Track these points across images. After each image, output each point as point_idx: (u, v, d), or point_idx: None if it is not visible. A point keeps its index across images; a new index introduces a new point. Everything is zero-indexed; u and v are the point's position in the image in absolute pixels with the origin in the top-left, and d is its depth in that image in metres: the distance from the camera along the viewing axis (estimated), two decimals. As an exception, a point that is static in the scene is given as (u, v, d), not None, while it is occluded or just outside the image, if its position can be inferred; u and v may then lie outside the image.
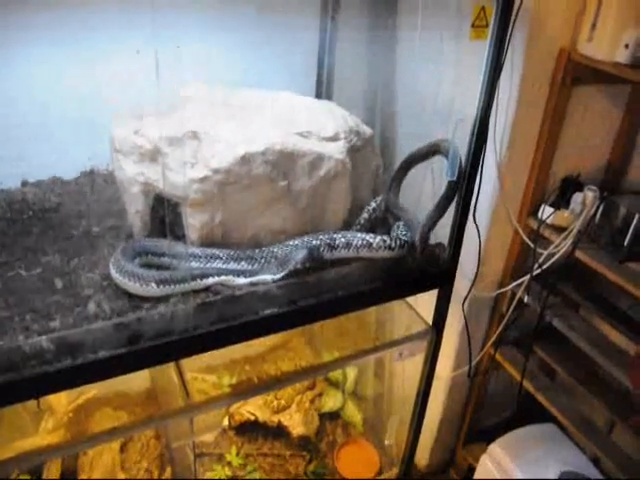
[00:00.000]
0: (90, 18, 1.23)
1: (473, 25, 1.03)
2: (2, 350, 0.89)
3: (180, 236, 1.16)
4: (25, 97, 1.27)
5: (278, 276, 1.08)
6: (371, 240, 1.13)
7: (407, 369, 1.58)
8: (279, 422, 1.76)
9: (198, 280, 1.06)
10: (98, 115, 1.23)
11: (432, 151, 1.25)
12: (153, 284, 1.02)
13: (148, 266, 1.08)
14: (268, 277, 1.08)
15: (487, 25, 1.03)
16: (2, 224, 1.20)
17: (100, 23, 1.24)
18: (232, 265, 1.10)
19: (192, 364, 1.83)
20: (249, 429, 1.80)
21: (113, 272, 1.05)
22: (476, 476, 1.72)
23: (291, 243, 1.14)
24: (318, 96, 1.61)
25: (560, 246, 1.47)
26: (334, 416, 1.90)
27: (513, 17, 1.09)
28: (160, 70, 1.01)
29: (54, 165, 1.40)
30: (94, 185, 1.41)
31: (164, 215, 1.15)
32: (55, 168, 1.41)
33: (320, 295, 1.11)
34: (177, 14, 0.97)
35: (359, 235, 1.14)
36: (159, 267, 1.10)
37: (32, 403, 1.43)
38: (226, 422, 1.79)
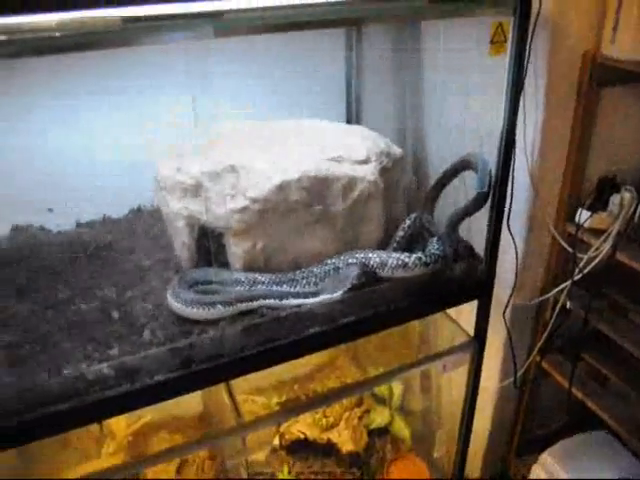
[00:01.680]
0: (126, 66, 1.31)
1: (492, 42, 1.07)
2: (68, 378, 0.96)
3: (224, 264, 1.22)
4: (71, 145, 1.36)
5: (338, 294, 1.12)
6: (407, 260, 1.16)
7: (453, 382, 1.59)
8: (328, 440, 1.78)
9: (261, 300, 1.12)
10: (142, 157, 1.30)
11: (462, 166, 1.29)
12: (219, 306, 1.09)
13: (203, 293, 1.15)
14: (327, 296, 1.13)
15: (506, 40, 1.06)
16: (61, 263, 1.29)
17: (136, 70, 1.33)
18: (275, 288, 1.15)
19: (241, 386, 1.88)
20: (299, 448, 1.82)
21: (174, 302, 1.11)
22: (529, 486, 1.71)
23: (329, 262, 1.18)
24: (349, 121, 1.67)
25: (600, 249, 1.46)
26: (383, 432, 1.91)
27: (531, 29, 1.12)
28: (195, 109, 1.09)
29: (104, 206, 1.50)
30: (142, 222, 1.49)
31: (209, 245, 1.22)
32: (105, 209, 1.50)
33: (361, 312, 1.15)
34: (207, 56, 1.04)
35: (394, 255, 1.17)
36: (211, 294, 1.16)
37: (95, 429, 1.51)
38: (277, 441, 1.83)
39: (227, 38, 0.98)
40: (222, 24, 0.92)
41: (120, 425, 1.55)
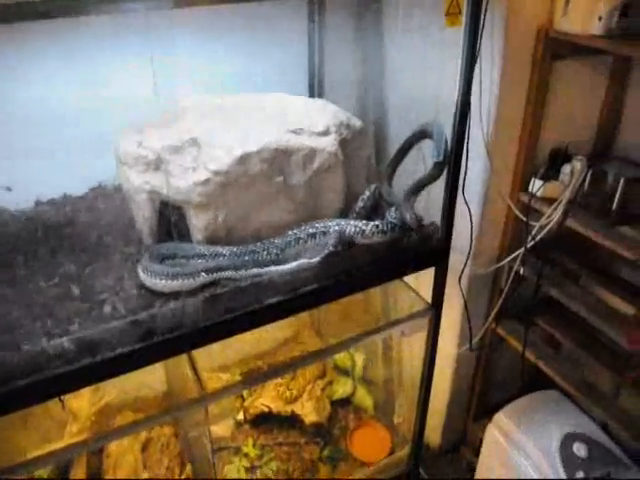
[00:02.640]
0: (83, 37, 1.27)
1: (447, 13, 1.08)
2: (28, 354, 0.95)
3: (186, 237, 1.22)
4: (26, 117, 1.32)
5: (316, 259, 1.14)
6: (364, 227, 1.19)
7: (413, 350, 1.63)
8: (292, 412, 1.81)
9: (243, 270, 1.13)
10: (100, 131, 1.28)
11: (419, 136, 1.31)
12: (203, 274, 1.09)
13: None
14: (305, 261, 1.14)
15: (460, 12, 1.08)
16: (20, 241, 1.26)
17: (93, 41, 1.29)
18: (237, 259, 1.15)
19: (206, 364, 1.89)
20: (264, 421, 1.85)
21: (146, 277, 1.10)
22: (484, 445, 1.77)
23: (290, 233, 1.20)
24: (311, 95, 1.67)
25: (551, 217, 1.52)
26: (345, 402, 1.95)
27: (485, 2, 1.14)
28: (156, 83, 1.07)
29: (64, 183, 1.46)
30: (103, 198, 1.46)
31: (170, 219, 1.21)
32: (65, 186, 1.47)
33: (320, 281, 1.17)
34: (168, 28, 1.02)
35: (352, 222, 1.20)
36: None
37: (56, 409, 1.49)
38: (241, 416, 1.85)
39: (188, 9, 0.97)
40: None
41: (83, 405, 1.54)
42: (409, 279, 1.49)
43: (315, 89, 1.65)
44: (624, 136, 1.62)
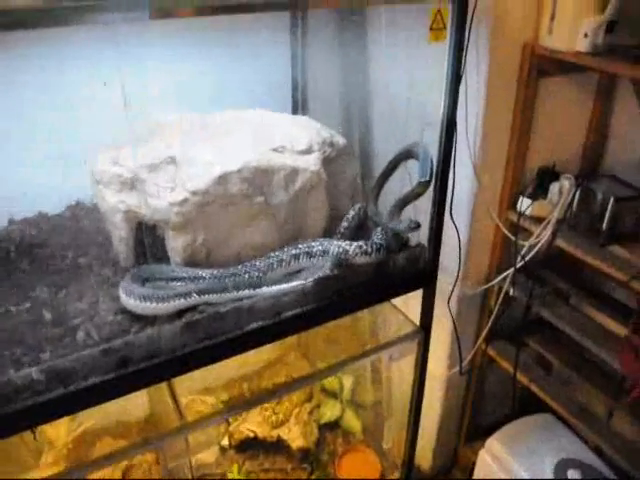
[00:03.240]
0: (58, 54, 1.25)
1: (431, 28, 1.06)
2: (-7, 384, 0.90)
3: (164, 259, 1.18)
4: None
5: (310, 280, 1.11)
6: (347, 247, 1.15)
7: (402, 372, 1.59)
8: (278, 437, 1.76)
9: (231, 293, 1.09)
10: (76, 147, 1.25)
11: (404, 156, 1.29)
12: (195, 295, 1.05)
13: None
14: (300, 282, 1.11)
15: (445, 27, 1.06)
16: (-11, 263, 1.22)
17: (68, 58, 1.26)
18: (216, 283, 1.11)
19: (190, 386, 1.84)
20: (249, 446, 1.80)
21: (127, 299, 1.06)
22: (476, 471, 1.73)
23: (272, 255, 1.16)
24: (294, 111, 1.65)
25: (540, 236, 1.50)
26: (334, 426, 1.90)
27: (470, 17, 1.12)
28: (132, 100, 1.03)
29: (40, 201, 1.41)
30: (79, 218, 1.42)
31: (148, 241, 1.17)
32: (41, 204, 1.42)
33: (304, 305, 1.13)
34: (145, 40, 0.99)
35: (335, 242, 1.16)
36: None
37: (31, 438, 1.43)
38: (226, 441, 1.79)
39: (164, 21, 0.93)
40: (158, 4, 0.87)
41: (59, 432, 1.48)
42: (396, 300, 1.45)
43: (299, 105, 1.63)
44: (611, 154, 1.61)
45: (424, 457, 2.04)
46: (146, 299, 1.04)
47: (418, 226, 1.21)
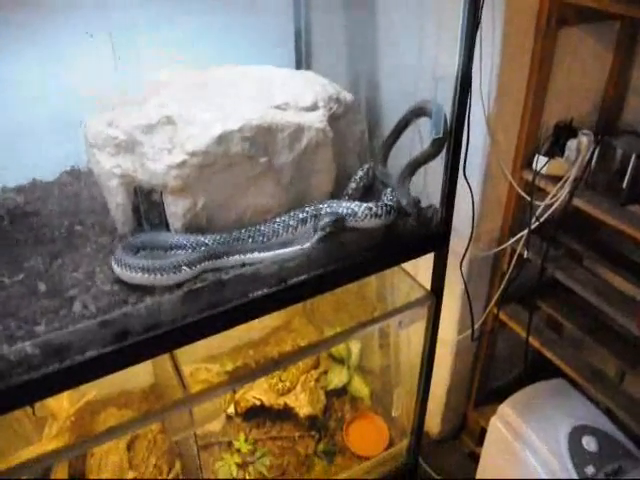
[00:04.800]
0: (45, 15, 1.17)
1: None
2: (-15, 360, 0.85)
3: (164, 225, 1.12)
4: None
5: (307, 245, 1.05)
6: (356, 209, 1.09)
7: (412, 337, 1.55)
8: (285, 404, 1.74)
9: (225, 258, 1.04)
10: (70, 111, 1.19)
11: (416, 114, 1.22)
12: (185, 268, 0.99)
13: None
14: (297, 248, 1.05)
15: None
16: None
17: (58, 16, 1.18)
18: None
19: (194, 354, 1.81)
20: (256, 414, 1.78)
21: (123, 270, 1.00)
22: (487, 438, 1.70)
23: (277, 220, 1.10)
24: (298, 67, 1.56)
25: (557, 196, 1.43)
26: (341, 392, 1.88)
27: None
28: (126, 59, 0.96)
29: (33, 168, 1.35)
30: (75, 184, 1.35)
31: (144, 206, 1.11)
32: (35, 171, 1.36)
33: (310, 271, 1.07)
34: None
35: (344, 204, 1.10)
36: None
37: (29, 411, 1.40)
38: (232, 409, 1.77)
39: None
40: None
41: (62, 404, 1.44)
42: (406, 263, 1.39)
43: (302, 61, 1.54)
44: (631, 109, 1.53)
45: (432, 422, 2.03)
46: (141, 270, 0.98)
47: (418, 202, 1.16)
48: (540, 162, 1.45)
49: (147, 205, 1.14)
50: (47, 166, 1.36)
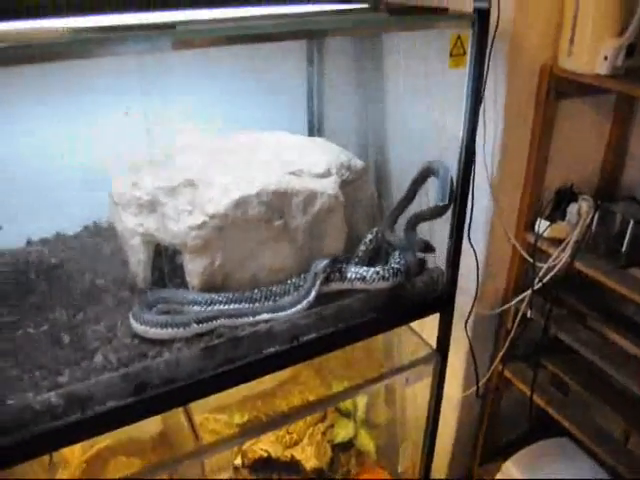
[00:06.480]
0: (79, 81, 1.26)
1: (451, 54, 1.06)
2: (13, 408, 0.90)
3: (182, 283, 1.18)
4: (21, 159, 1.29)
5: (311, 297, 1.10)
6: (365, 273, 1.14)
7: (417, 393, 1.57)
8: (292, 456, 1.74)
9: (234, 319, 1.09)
10: (95, 169, 1.27)
11: (424, 174, 1.27)
12: (194, 324, 1.05)
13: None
14: (300, 306, 1.10)
15: (465, 53, 1.06)
16: (9, 284, 1.22)
17: (89, 85, 1.28)
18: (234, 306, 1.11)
19: (203, 404, 1.82)
20: (263, 466, 1.78)
21: (135, 324, 1.06)
22: (493, 497, 1.70)
23: (289, 282, 1.16)
24: (310, 134, 1.65)
25: (559, 258, 1.48)
26: (347, 446, 1.88)
27: (490, 43, 1.12)
28: (152, 124, 1.04)
29: (58, 222, 1.43)
30: (96, 238, 1.43)
31: (165, 263, 1.17)
32: (59, 225, 1.44)
33: (321, 329, 1.12)
34: (166, 67, 1.00)
35: (353, 269, 1.16)
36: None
37: (46, 457, 1.43)
38: (239, 461, 1.78)
39: (186, 50, 0.94)
40: (179, 36, 0.88)
41: (74, 452, 1.47)
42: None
43: (315, 129, 1.63)
44: (629, 176, 1.59)
45: (438, 477, 2.02)
46: (149, 324, 1.04)
47: (427, 247, 1.20)
48: (542, 225, 1.51)
49: (167, 263, 1.20)
50: (70, 220, 1.44)
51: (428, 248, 1.22)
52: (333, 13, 1.14)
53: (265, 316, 1.10)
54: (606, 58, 1.30)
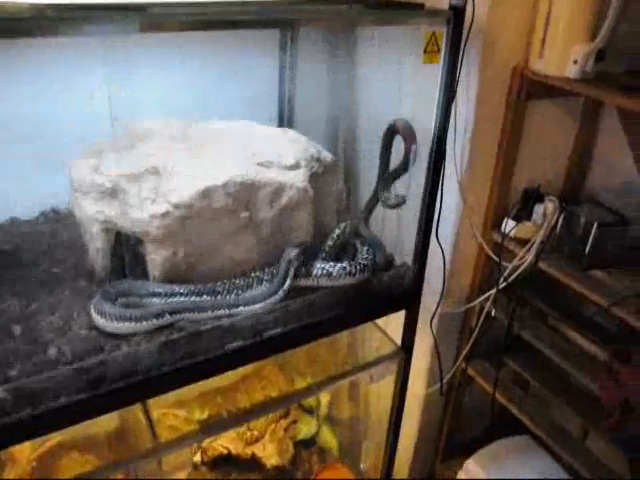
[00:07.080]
0: (40, 61, 1.21)
1: (425, 51, 1.05)
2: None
3: (143, 273, 1.14)
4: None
5: (286, 286, 1.08)
6: (331, 269, 1.13)
7: (381, 390, 1.57)
8: (253, 454, 1.71)
9: (210, 312, 1.06)
10: (55, 151, 1.21)
11: (391, 133, 1.24)
12: (168, 315, 1.03)
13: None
14: (277, 296, 1.08)
15: (439, 50, 1.05)
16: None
17: (51, 65, 1.22)
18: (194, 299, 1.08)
19: (162, 399, 1.78)
20: (223, 463, 1.75)
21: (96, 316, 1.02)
22: (454, 494, 1.72)
23: (252, 275, 1.13)
24: (280, 124, 1.62)
25: (524, 258, 1.49)
26: (310, 443, 1.86)
27: (463, 42, 1.11)
28: (116, 107, 1.00)
29: (13, 206, 1.37)
30: (54, 224, 1.37)
31: (126, 253, 1.13)
32: (13, 210, 1.37)
33: (286, 325, 1.10)
34: (131, 49, 0.96)
35: (319, 265, 1.14)
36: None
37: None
38: (198, 458, 1.74)
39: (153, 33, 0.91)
40: (149, 19, 0.85)
41: (23, 449, 1.41)
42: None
43: (285, 120, 1.60)
44: (594, 178, 1.62)
45: (400, 474, 2.02)
46: (117, 319, 1.00)
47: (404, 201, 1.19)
48: (509, 225, 1.52)
49: (127, 251, 1.16)
50: (26, 205, 1.37)
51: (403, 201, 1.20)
52: (309, 2, 1.12)
53: (241, 309, 1.07)
54: (576, 62, 1.32)
